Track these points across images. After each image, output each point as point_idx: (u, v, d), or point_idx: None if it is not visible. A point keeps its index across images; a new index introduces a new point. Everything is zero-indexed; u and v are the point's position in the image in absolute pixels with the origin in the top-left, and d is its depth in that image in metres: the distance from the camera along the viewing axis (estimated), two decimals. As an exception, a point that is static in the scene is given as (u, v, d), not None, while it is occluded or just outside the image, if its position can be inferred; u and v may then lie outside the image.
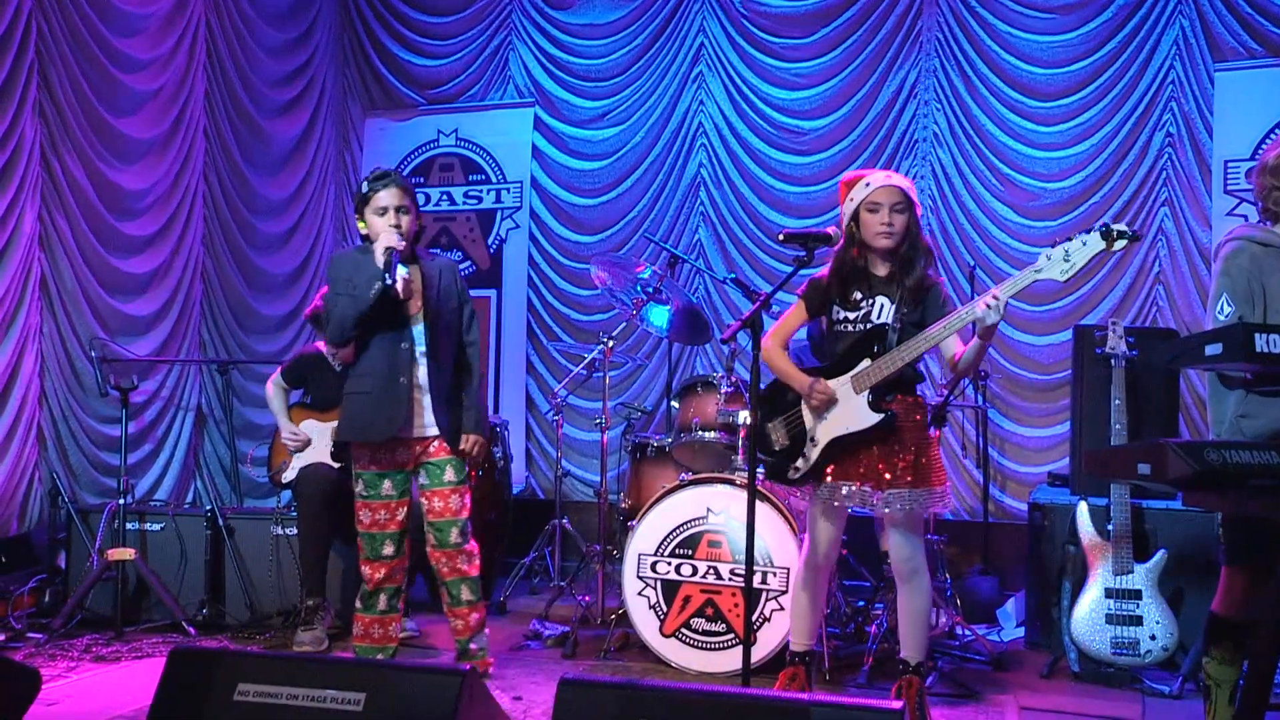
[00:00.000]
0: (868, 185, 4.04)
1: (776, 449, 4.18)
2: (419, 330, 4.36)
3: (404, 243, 4.30)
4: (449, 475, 4.37)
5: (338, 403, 5.52)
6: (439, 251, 4.63)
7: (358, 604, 4.44)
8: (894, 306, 4.04)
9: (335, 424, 5.51)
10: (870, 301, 4.08)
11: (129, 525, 5.70)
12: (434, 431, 4.38)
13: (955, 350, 3.96)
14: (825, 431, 4.05)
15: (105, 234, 6.59)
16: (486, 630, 4.57)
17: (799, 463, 4.10)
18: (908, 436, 4.04)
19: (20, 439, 6.07)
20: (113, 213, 6.63)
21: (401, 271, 4.26)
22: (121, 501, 5.65)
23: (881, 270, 4.11)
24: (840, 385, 4.04)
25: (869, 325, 4.06)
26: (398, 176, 4.38)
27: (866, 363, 4.00)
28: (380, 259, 4.20)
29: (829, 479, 4.05)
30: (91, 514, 5.87)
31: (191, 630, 5.47)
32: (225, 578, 5.75)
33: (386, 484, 4.34)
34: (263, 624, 5.62)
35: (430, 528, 4.36)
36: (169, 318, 7.07)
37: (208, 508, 5.84)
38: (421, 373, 4.35)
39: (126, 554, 5.51)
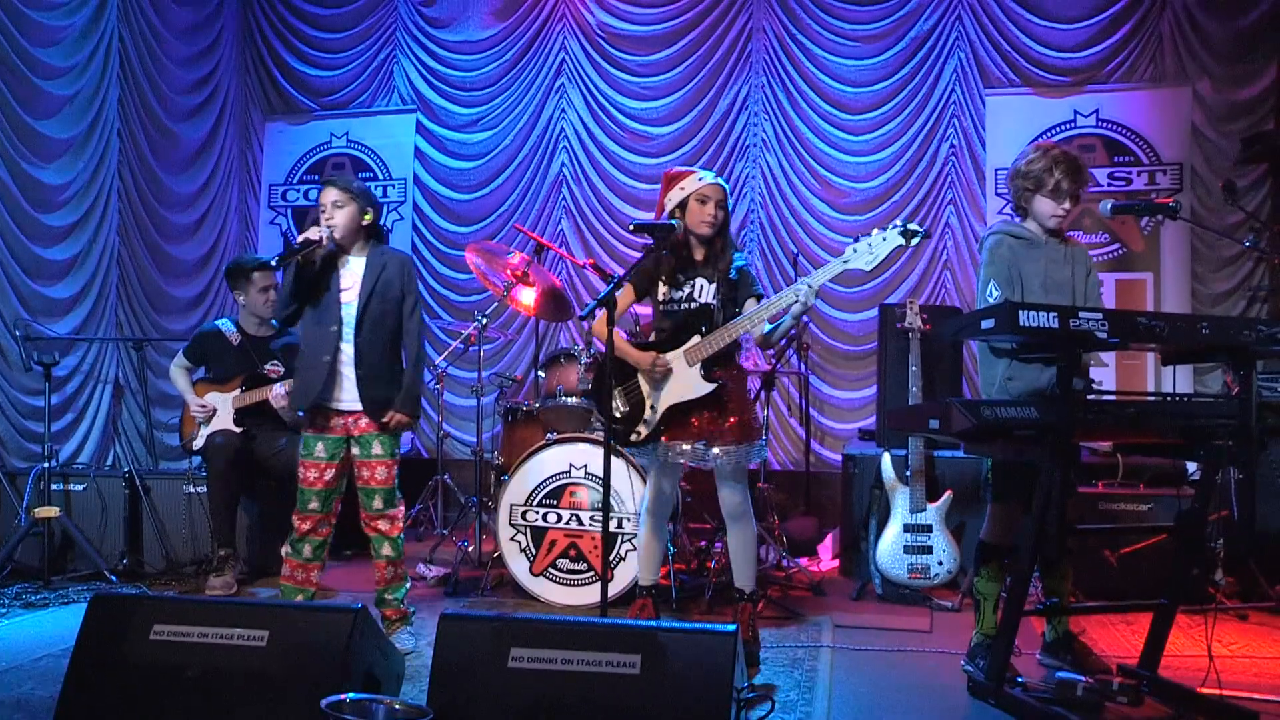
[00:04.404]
0: (700, 179, 4.01)
1: (618, 415, 4.11)
2: (349, 314, 4.17)
3: (323, 234, 4.11)
4: (376, 449, 4.18)
5: (236, 375, 5.45)
6: (394, 249, 4.43)
7: (286, 548, 4.32)
8: (714, 286, 4.03)
9: (235, 394, 5.42)
10: (692, 283, 4.06)
11: (54, 486, 5.52)
12: (359, 406, 4.17)
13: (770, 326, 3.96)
14: (663, 400, 4.03)
15: (27, 225, 6.40)
16: (408, 585, 4.40)
17: (640, 427, 4.06)
18: (732, 401, 4.05)
19: (-50, 411, 5.88)
20: (34, 205, 6.43)
21: (318, 233, 4.11)
22: (46, 465, 5.47)
23: (699, 255, 4.08)
24: (674, 358, 4.01)
25: (694, 304, 4.04)
26: (335, 177, 4.24)
27: (696, 338, 3.98)
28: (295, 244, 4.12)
29: (666, 440, 4.04)
30: (19, 477, 5.65)
31: (113, 578, 5.31)
32: (143, 531, 5.59)
33: (319, 446, 4.18)
34: (178, 572, 5.48)
35: (360, 492, 4.26)
36: (88, 299, 6.87)
37: (126, 469, 5.66)
38: (346, 352, 4.16)
39: (51, 512, 5.34)
